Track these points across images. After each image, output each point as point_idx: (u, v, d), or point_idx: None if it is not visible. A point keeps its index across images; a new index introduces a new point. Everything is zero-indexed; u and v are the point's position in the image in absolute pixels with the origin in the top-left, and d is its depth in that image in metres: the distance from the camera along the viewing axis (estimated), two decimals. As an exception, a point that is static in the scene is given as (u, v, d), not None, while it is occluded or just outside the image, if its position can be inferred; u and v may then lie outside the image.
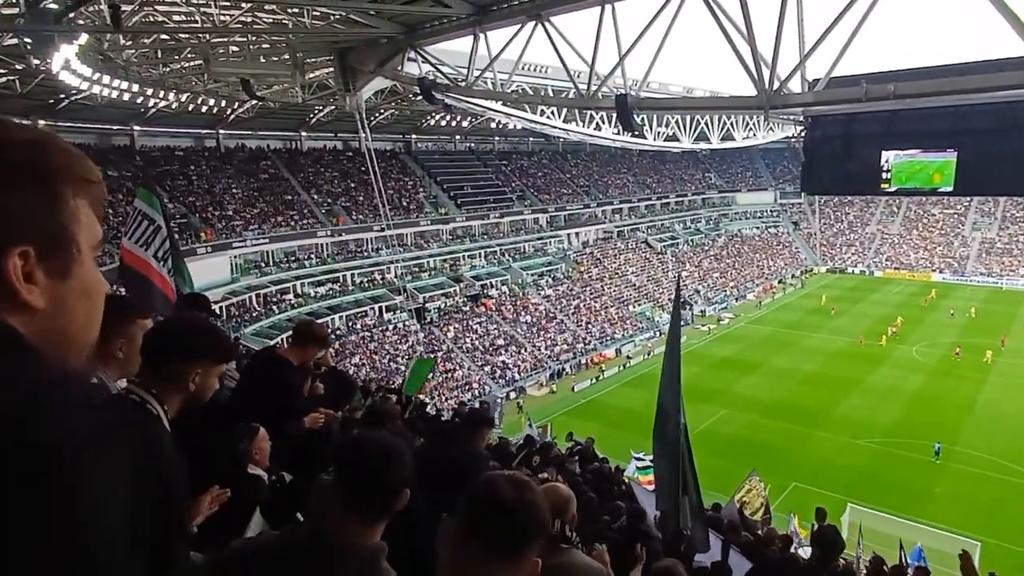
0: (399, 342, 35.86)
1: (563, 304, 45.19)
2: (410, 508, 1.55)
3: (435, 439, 5.57)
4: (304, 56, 17.54)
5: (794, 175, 61.79)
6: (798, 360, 37.70)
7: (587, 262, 51.18)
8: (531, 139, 54.34)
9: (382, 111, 34.36)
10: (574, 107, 21.84)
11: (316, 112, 35.98)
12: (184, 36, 16.76)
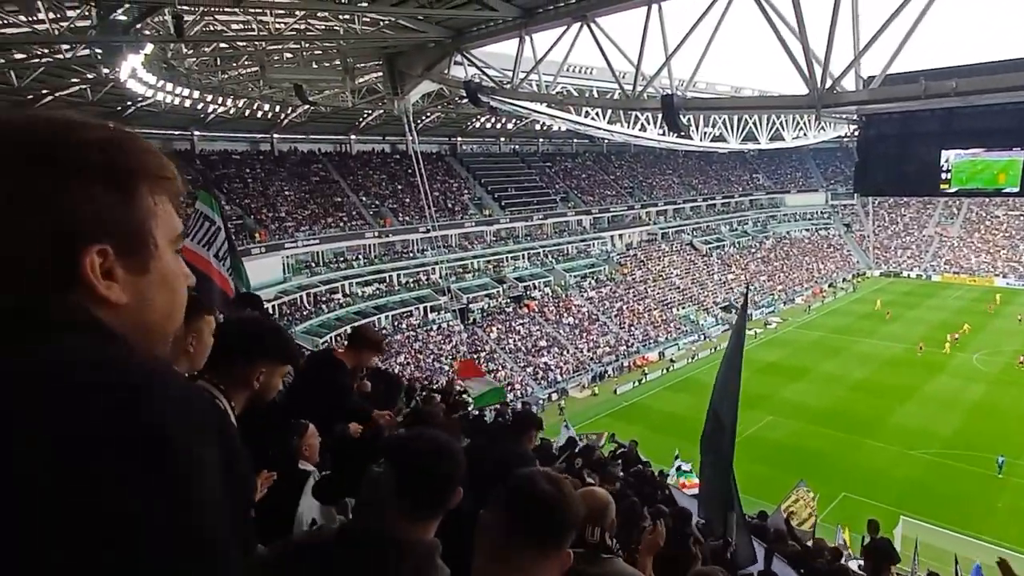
0: (443, 342, 36.26)
1: (606, 306, 44.84)
2: (460, 508, 1.54)
3: (480, 439, 5.64)
4: (354, 61, 17.95)
5: (846, 176, 59.74)
6: (849, 366, 36.48)
7: (630, 264, 50.56)
8: (575, 140, 54.11)
9: (428, 114, 34.74)
10: (619, 108, 21.67)
11: (365, 116, 36.66)
12: (241, 44, 17.41)
